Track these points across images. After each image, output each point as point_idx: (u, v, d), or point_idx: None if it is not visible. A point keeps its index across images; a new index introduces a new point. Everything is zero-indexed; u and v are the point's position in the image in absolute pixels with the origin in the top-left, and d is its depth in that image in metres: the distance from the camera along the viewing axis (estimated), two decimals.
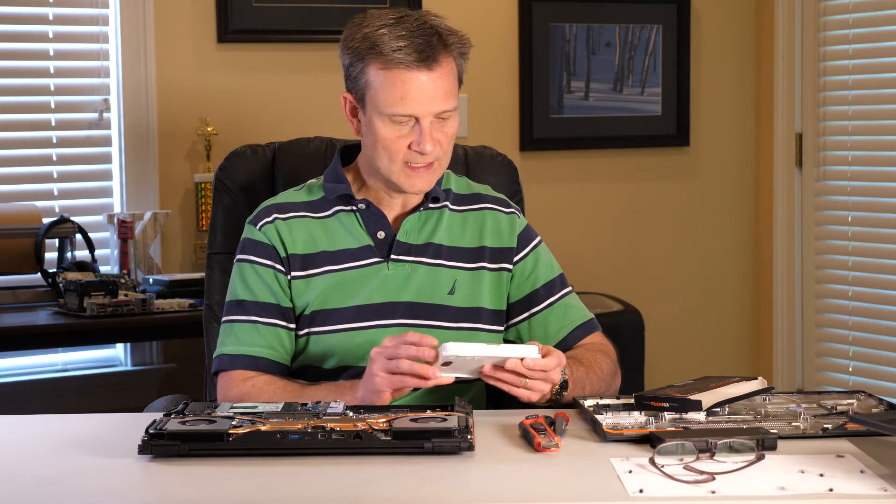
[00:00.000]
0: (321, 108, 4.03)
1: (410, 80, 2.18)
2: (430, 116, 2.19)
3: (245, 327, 2.25)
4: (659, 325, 4.50)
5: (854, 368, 4.42)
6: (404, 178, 2.23)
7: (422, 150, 2.19)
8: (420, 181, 2.24)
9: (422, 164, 2.22)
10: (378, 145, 2.22)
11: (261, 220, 2.31)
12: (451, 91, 2.21)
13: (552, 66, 4.42)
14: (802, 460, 1.77)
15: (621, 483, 1.69)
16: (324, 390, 2.15)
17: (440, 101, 2.19)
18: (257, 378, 2.21)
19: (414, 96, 2.18)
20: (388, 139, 2.21)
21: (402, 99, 2.18)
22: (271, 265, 2.27)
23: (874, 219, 4.35)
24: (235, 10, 3.98)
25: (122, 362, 3.96)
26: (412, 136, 2.20)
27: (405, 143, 2.20)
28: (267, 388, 2.19)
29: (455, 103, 2.23)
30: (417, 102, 2.18)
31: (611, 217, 4.58)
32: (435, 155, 2.22)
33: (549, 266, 2.38)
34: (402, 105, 2.18)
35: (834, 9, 4.42)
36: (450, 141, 2.24)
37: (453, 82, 2.23)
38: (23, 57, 3.87)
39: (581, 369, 2.21)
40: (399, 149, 2.21)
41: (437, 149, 2.21)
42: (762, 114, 4.68)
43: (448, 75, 2.21)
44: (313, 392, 2.15)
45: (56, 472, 1.79)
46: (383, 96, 2.19)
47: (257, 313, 2.25)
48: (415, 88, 2.18)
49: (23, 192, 3.83)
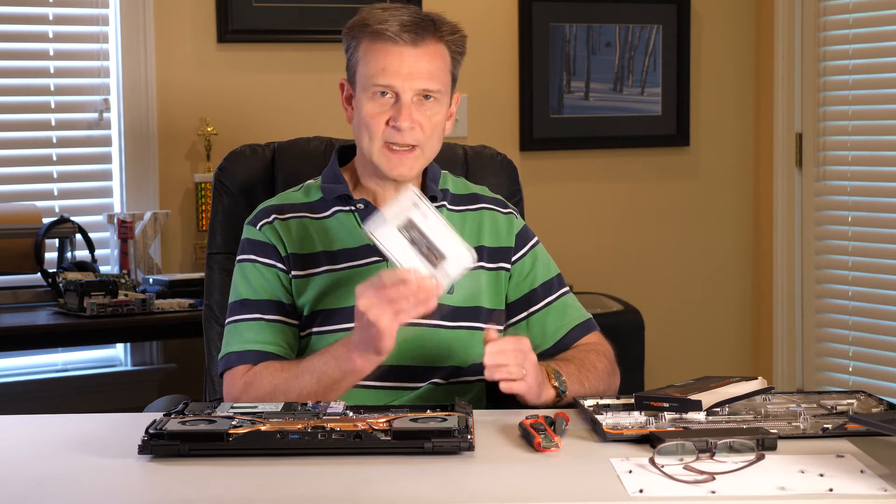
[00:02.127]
0: (321, 108, 4.03)
1: (394, 52, 2.19)
2: (410, 92, 2.19)
3: (250, 325, 2.25)
4: (659, 325, 4.50)
5: (854, 368, 4.42)
6: (384, 159, 2.23)
7: (399, 125, 2.19)
8: (400, 165, 2.23)
9: (401, 145, 2.21)
10: (360, 124, 2.23)
11: (260, 220, 2.31)
12: (436, 74, 2.21)
13: (552, 66, 4.42)
14: (802, 460, 1.77)
15: (621, 483, 1.69)
16: (319, 356, 2.13)
17: (423, 78, 2.20)
18: (257, 366, 2.21)
19: (395, 69, 2.19)
20: (368, 115, 2.21)
21: (383, 70, 2.19)
22: (273, 264, 2.28)
23: (874, 219, 4.35)
24: (235, 10, 3.98)
25: (122, 362, 3.96)
26: (392, 112, 2.20)
27: (384, 118, 2.21)
28: (265, 371, 2.18)
29: (440, 87, 2.22)
30: (398, 75, 2.19)
31: (611, 217, 4.59)
32: (414, 138, 2.21)
33: (546, 266, 2.38)
34: (382, 76, 2.19)
35: (834, 9, 4.42)
36: (433, 128, 2.23)
37: (441, 68, 2.23)
38: (23, 57, 3.87)
39: (571, 366, 2.22)
40: (378, 125, 2.21)
41: (416, 131, 2.21)
42: (762, 114, 4.68)
43: (435, 58, 2.22)
44: (310, 362, 2.14)
45: (56, 472, 1.79)
46: (367, 69, 2.21)
47: (261, 311, 2.25)
48: (397, 61, 2.19)
49: (23, 192, 3.83)
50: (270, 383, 2.15)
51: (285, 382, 2.14)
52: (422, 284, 1.98)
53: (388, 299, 1.98)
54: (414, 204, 2.03)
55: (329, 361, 2.10)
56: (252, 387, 2.17)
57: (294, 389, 2.11)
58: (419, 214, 2.02)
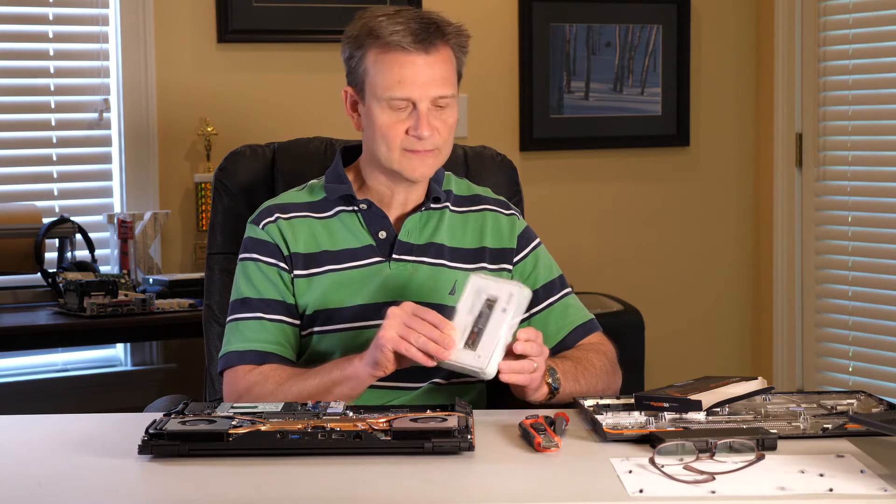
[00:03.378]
0: (321, 108, 4.03)
1: (408, 62, 2.19)
2: (427, 101, 2.20)
3: (251, 324, 2.25)
4: (659, 325, 4.50)
5: (854, 368, 4.42)
6: (405, 162, 2.23)
7: (419, 134, 2.19)
8: (421, 165, 2.24)
9: (421, 149, 2.22)
10: (376, 133, 2.23)
11: (263, 219, 2.31)
12: (448, 78, 2.22)
13: (552, 66, 4.42)
14: (802, 460, 1.77)
15: (621, 483, 1.69)
16: (327, 364, 2.14)
17: (437, 85, 2.20)
18: (263, 366, 2.21)
19: (411, 79, 2.19)
20: (385, 125, 2.21)
21: (399, 82, 2.19)
22: (275, 263, 2.28)
23: (874, 219, 4.35)
24: (235, 10, 3.98)
25: (122, 362, 3.96)
26: (409, 121, 2.20)
27: (402, 128, 2.21)
28: (273, 374, 2.18)
29: (453, 90, 2.23)
30: (415, 85, 2.19)
31: (611, 217, 4.59)
32: (433, 142, 2.22)
33: (548, 267, 2.38)
34: (399, 88, 2.19)
35: (834, 9, 4.42)
36: (449, 131, 2.24)
37: (451, 71, 2.23)
38: (23, 57, 3.87)
39: (567, 363, 2.22)
40: (397, 134, 2.21)
41: (435, 136, 2.21)
42: (762, 114, 4.68)
43: (445, 63, 2.22)
44: (318, 372, 2.14)
45: (56, 472, 1.79)
46: (381, 80, 2.20)
47: (263, 310, 2.25)
48: (412, 71, 2.19)
49: (23, 192, 3.83)
50: (276, 386, 2.15)
51: (291, 388, 2.14)
52: (446, 332, 2.00)
53: (408, 322, 2.01)
54: (510, 295, 2.02)
55: (334, 370, 2.12)
56: (257, 386, 2.17)
57: (300, 395, 2.12)
58: (502, 306, 2.01)
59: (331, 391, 2.10)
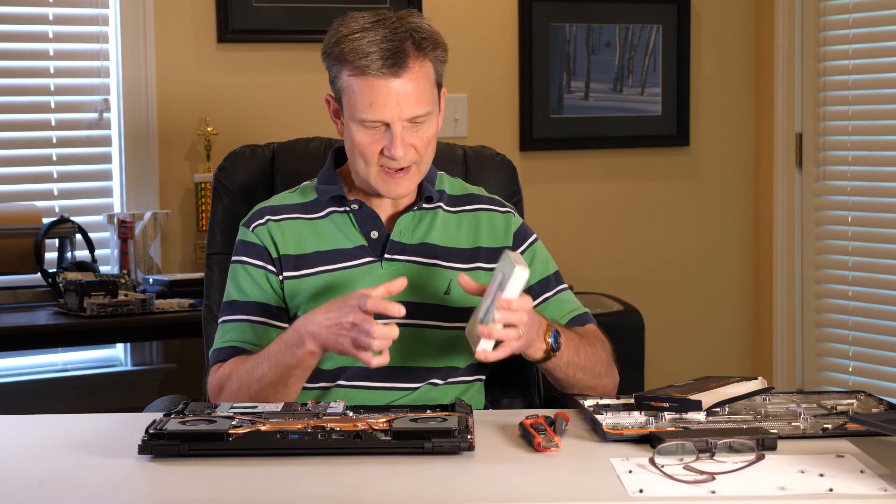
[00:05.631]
0: (320, 108, 3.95)
1: (379, 86, 2.17)
2: (400, 123, 2.18)
3: (234, 326, 2.26)
4: (659, 325, 4.50)
5: (854, 368, 4.42)
6: (381, 182, 2.24)
7: (392, 155, 2.18)
8: (397, 187, 2.24)
9: (396, 169, 2.21)
10: (354, 150, 2.23)
11: (253, 221, 2.32)
12: (423, 96, 2.19)
13: (552, 66, 4.42)
14: (802, 460, 1.77)
15: (621, 483, 1.69)
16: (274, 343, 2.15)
17: (411, 106, 2.18)
18: (228, 361, 2.22)
19: (382, 103, 2.17)
20: (361, 144, 2.21)
21: (370, 105, 2.18)
22: (262, 266, 2.28)
23: (874, 219, 4.35)
24: (235, 10, 3.98)
25: (122, 362, 3.96)
26: (384, 140, 2.19)
27: (377, 147, 2.20)
28: (233, 365, 2.20)
29: (428, 107, 2.20)
30: (386, 108, 2.17)
31: (611, 217, 4.58)
32: (410, 159, 2.21)
33: (544, 263, 2.38)
34: (370, 111, 2.18)
35: (834, 9, 4.42)
36: (426, 145, 2.22)
37: (427, 87, 2.20)
38: (23, 57, 3.87)
39: (572, 333, 2.22)
40: (372, 153, 2.21)
41: (410, 153, 2.20)
42: (762, 114, 4.68)
43: (420, 79, 2.19)
44: (266, 349, 2.15)
45: (56, 472, 1.79)
46: (354, 102, 2.20)
47: (248, 312, 2.26)
48: (383, 95, 2.17)
49: (23, 192, 3.83)
50: (237, 375, 2.17)
51: (247, 373, 2.16)
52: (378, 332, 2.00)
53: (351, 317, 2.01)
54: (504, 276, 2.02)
55: (283, 348, 2.12)
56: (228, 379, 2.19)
57: (255, 378, 2.13)
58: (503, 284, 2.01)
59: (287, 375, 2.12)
